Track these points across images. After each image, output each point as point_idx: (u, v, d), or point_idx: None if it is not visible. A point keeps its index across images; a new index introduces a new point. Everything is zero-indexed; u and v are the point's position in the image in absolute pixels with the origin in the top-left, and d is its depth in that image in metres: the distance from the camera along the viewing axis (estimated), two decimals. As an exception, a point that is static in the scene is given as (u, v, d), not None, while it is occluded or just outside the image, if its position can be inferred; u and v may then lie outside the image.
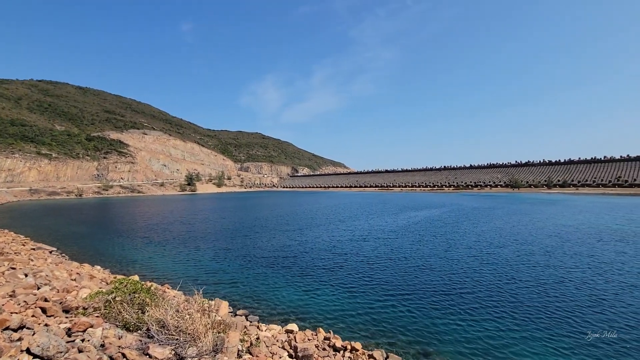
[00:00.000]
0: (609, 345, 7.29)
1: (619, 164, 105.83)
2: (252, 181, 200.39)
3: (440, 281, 12.03)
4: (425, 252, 16.76)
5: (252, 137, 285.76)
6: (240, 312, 9.81)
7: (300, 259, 15.86)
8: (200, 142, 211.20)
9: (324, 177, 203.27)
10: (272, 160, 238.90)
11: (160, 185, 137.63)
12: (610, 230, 22.02)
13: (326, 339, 7.82)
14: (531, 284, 11.40)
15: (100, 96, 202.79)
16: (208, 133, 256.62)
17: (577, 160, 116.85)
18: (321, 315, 9.50)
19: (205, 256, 16.85)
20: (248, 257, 16.50)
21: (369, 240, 20.45)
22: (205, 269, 14.51)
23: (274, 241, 20.51)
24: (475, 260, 14.89)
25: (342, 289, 11.55)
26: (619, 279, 11.72)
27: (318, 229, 25.26)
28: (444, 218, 31.17)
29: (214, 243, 20.25)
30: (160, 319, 5.09)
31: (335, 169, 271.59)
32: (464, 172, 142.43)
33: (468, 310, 9.40)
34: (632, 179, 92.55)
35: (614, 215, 30.58)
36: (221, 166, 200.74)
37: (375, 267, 14.16)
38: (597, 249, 16.68)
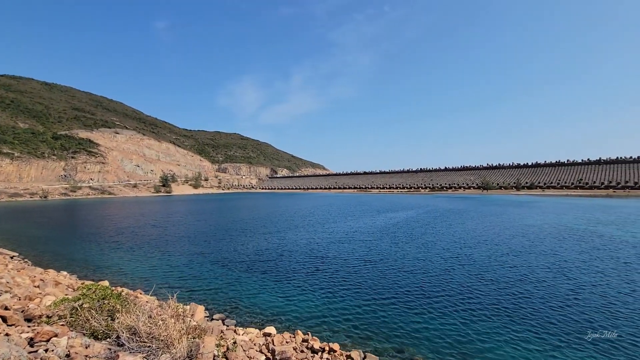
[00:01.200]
0: (571, 338, 7.72)
1: (580, 167, 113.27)
2: (230, 182, 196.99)
3: (414, 282, 12.30)
4: (401, 253, 17.09)
5: (230, 137, 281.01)
6: (217, 317, 9.59)
7: (279, 261, 15.76)
8: (176, 143, 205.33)
9: (303, 179, 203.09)
10: (250, 161, 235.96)
11: (133, 186, 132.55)
12: (571, 230, 23.36)
13: (304, 340, 7.78)
14: (499, 283, 11.90)
15: (69, 93, 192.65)
16: (184, 133, 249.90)
17: (544, 164, 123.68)
18: (300, 317, 9.48)
19: (181, 260, 16.38)
20: (225, 260, 16.19)
21: (347, 242, 20.62)
22: (181, 274, 14.10)
23: (252, 244, 20.26)
24: (448, 260, 15.35)
25: (320, 290, 11.58)
26: (576, 277, 12.44)
27: (297, 231, 25.20)
28: (420, 220, 31.96)
29: (189, 247, 19.73)
30: (131, 326, 4.90)
31: (314, 170, 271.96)
32: (439, 174, 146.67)
33: (441, 308, 9.68)
34: (592, 181, 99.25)
35: (574, 215, 32.47)
36: (198, 167, 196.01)
37: (352, 269, 14.29)
38: (557, 248, 17.63)
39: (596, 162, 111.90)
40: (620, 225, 25.57)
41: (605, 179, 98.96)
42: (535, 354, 7.09)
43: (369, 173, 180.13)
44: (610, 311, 9.14)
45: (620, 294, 10.41)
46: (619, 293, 10.52)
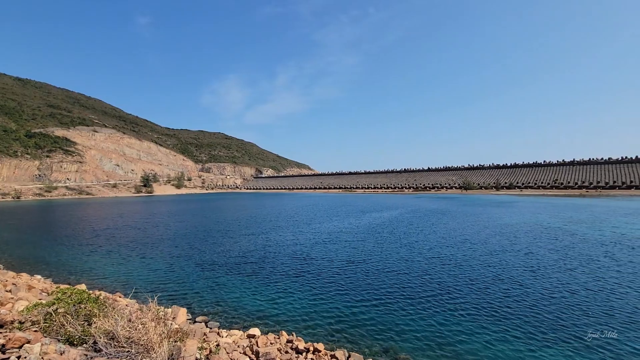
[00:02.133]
0: (546, 335, 8.03)
1: (555, 167, 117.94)
2: (214, 182, 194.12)
3: (398, 282, 12.48)
4: (384, 254, 17.29)
5: (214, 137, 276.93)
6: (199, 319, 9.44)
7: (263, 263, 15.65)
8: (157, 142, 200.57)
9: (289, 179, 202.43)
10: (235, 161, 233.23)
11: (112, 186, 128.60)
12: (545, 229, 24.25)
13: (289, 341, 7.74)
14: (479, 282, 12.23)
15: (44, 89, 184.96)
16: (166, 132, 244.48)
17: (522, 164, 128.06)
18: (285, 318, 9.45)
19: (162, 262, 16.02)
20: (208, 262, 15.94)
21: (331, 243, 20.70)
22: (162, 276, 13.79)
23: (237, 245, 20.03)
24: (430, 260, 15.66)
25: (305, 291, 11.58)
26: (549, 275, 12.94)
27: (282, 232, 25.10)
28: (403, 220, 32.44)
29: (171, 249, 19.32)
30: (109, 331, 4.76)
31: (299, 170, 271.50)
32: (422, 175, 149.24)
33: (424, 307, 9.86)
34: (567, 181, 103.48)
35: (550, 215, 33.74)
36: (181, 167, 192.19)
37: (337, 269, 14.36)
38: (532, 247, 18.26)
39: (570, 163, 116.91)
40: (590, 224, 26.73)
41: (579, 179, 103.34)
42: (513, 350, 7.32)
43: (354, 173, 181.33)
44: (580, 309, 9.54)
45: (589, 291, 10.88)
46: (587, 289, 11.01)
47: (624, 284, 11.43)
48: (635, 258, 14.98)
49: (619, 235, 20.85)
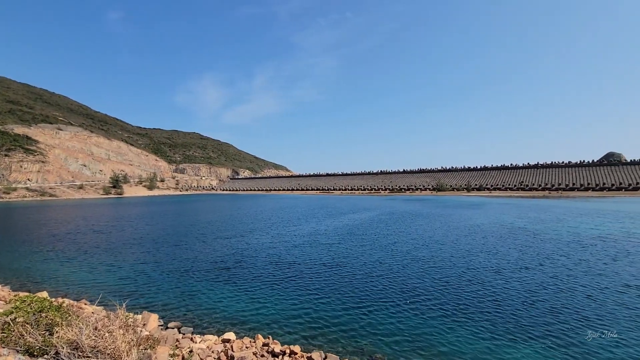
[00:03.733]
0: (513, 330, 8.54)
1: (521, 170, 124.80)
2: (189, 183, 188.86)
3: (372, 282, 12.77)
4: (359, 255, 17.63)
5: (189, 137, 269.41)
6: (172, 325, 9.21)
7: (239, 266, 15.51)
8: (128, 141, 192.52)
9: (266, 180, 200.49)
10: (211, 161, 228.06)
11: (78, 187, 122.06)
12: (510, 229, 25.62)
13: (265, 345, 7.74)
14: (450, 281, 12.74)
15: (2, 84, 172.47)
16: (138, 131, 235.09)
17: (490, 167, 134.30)
18: (261, 321, 9.43)
19: (132, 267, 15.49)
20: (182, 266, 15.59)
21: (308, 245, 20.82)
22: (132, 281, 13.35)
23: (211, 249, 19.69)
24: (403, 261, 16.14)
25: (282, 294, 11.61)
26: (511, 274, 13.72)
27: (258, 234, 24.93)
28: (379, 221, 33.11)
29: (141, 253, 18.70)
30: (72, 340, 4.61)
31: (277, 171, 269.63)
32: (398, 177, 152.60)
33: (399, 307, 10.15)
34: (532, 183, 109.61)
35: (516, 215, 35.61)
36: (153, 167, 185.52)
37: (312, 271, 14.50)
38: (499, 246, 19.26)
39: (535, 166, 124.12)
40: (551, 224, 28.48)
41: (543, 181, 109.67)
42: (482, 345, 7.69)
43: (331, 175, 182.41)
44: (539, 306, 10.20)
45: (546, 290, 11.64)
46: (544, 288, 11.77)
47: (574, 281, 12.32)
48: (585, 256, 16.16)
49: (574, 235, 22.38)
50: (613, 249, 17.56)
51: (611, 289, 11.13)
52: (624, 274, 12.84)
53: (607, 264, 14.45)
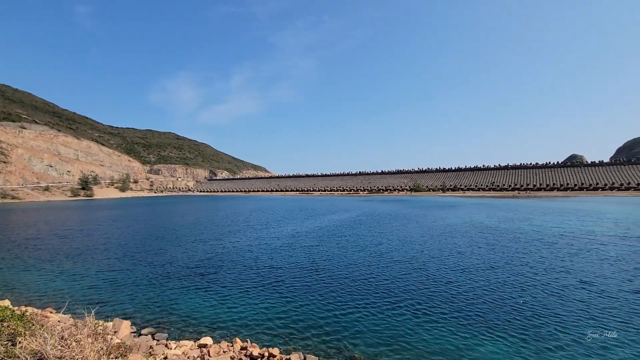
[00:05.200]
0: (488, 325, 9.06)
1: (493, 171, 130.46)
2: (164, 185, 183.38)
3: (350, 283, 13.02)
4: (337, 256, 17.90)
5: (165, 137, 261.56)
6: (145, 331, 9.02)
7: (216, 269, 15.38)
8: (99, 141, 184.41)
9: (245, 181, 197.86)
10: (187, 162, 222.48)
11: (44, 189, 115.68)
12: (480, 230, 26.85)
13: (243, 348, 7.71)
14: (426, 280, 13.21)
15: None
16: (110, 130, 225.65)
17: (464, 168, 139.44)
18: (239, 325, 9.42)
19: (101, 273, 15.00)
20: (156, 271, 15.28)
21: (286, 247, 20.92)
22: (102, 287, 12.95)
23: (187, 252, 19.38)
24: (381, 260, 16.56)
25: (261, 296, 11.63)
26: (484, 272, 14.47)
27: (235, 237, 24.74)
28: (358, 221, 33.64)
29: (112, 258, 18.13)
30: (37, 351, 4.53)
31: (256, 172, 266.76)
32: (376, 177, 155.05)
33: (376, 307, 10.41)
34: (502, 183, 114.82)
35: (486, 215, 37.25)
36: (126, 168, 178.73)
37: (291, 273, 14.61)
38: (472, 246, 20.18)
39: (505, 167, 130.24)
40: (518, 222, 30.04)
41: (512, 182, 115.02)
42: (458, 342, 8.04)
43: (311, 176, 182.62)
44: (503, 304, 10.85)
45: (510, 288, 12.39)
46: (507, 285, 12.53)
47: (535, 279, 13.17)
48: (546, 253, 17.24)
49: (538, 233, 23.75)
50: (572, 246, 18.80)
51: (568, 285, 11.93)
52: (580, 271, 13.80)
53: (564, 261, 15.49)
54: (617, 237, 21.39)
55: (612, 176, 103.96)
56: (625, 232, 23.29)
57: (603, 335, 8.04)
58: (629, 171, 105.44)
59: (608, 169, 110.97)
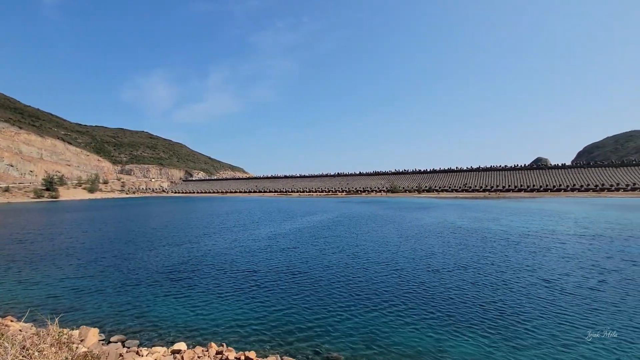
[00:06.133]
0: (463, 322, 9.48)
1: (465, 173, 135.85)
2: (137, 186, 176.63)
3: (327, 284, 13.18)
4: (314, 258, 18.03)
5: (137, 136, 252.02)
6: (114, 339, 8.71)
7: (191, 273, 15.08)
8: (65, 139, 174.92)
9: (222, 182, 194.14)
10: (161, 162, 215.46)
11: (4, 190, 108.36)
12: (453, 227, 27.91)
13: (219, 353, 7.64)
14: (403, 280, 13.59)
15: None
16: (77, 128, 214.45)
17: (439, 170, 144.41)
18: (215, 329, 9.31)
19: (66, 280, 14.30)
20: (126, 276, 14.76)
21: (262, 249, 20.83)
22: (67, 295, 12.37)
23: (160, 256, 18.85)
24: (358, 262, 16.83)
25: (236, 299, 11.54)
26: (458, 271, 15.10)
27: (211, 240, 24.32)
28: (337, 223, 33.96)
29: (78, 264, 17.30)
30: (-2, 361, 4.38)
31: (234, 173, 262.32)
32: (354, 179, 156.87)
33: (352, 307, 10.58)
34: (474, 185, 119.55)
35: (459, 216, 38.71)
36: (95, 168, 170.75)
37: (268, 275, 14.60)
38: (440, 244, 20.96)
39: (477, 169, 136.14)
40: (487, 222, 31.45)
41: (483, 183, 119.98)
42: (434, 340, 8.33)
43: (289, 177, 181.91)
44: (473, 302, 11.39)
45: (479, 286, 13.02)
46: (476, 284, 13.16)
47: (502, 277, 13.90)
48: (511, 252, 18.21)
49: (504, 232, 25.00)
50: (535, 245, 19.94)
51: (532, 284, 12.62)
52: (542, 269, 14.65)
53: (528, 260, 16.40)
54: (576, 236, 22.89)
55: (573, 178, 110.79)
56: (584, 231, 24.95)
57: (565, 330, 8.60)
58: (588, 173, 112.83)
59: (570, 171, 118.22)
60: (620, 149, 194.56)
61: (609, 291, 11.43)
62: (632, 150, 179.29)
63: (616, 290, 11.50)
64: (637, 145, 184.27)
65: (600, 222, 30.16)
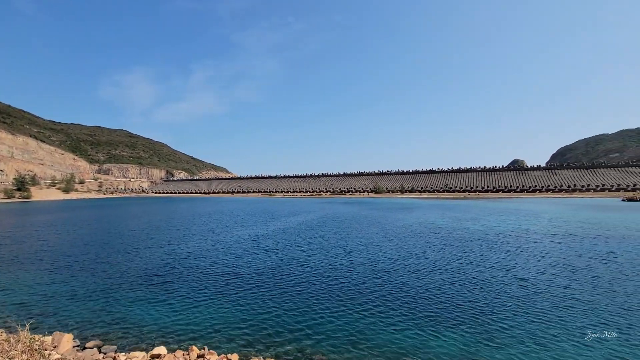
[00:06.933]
0: (444, 320, 9.71)
1: (446, 174, 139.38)
2: (115, 186, 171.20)
3: (310, 285, 13.22)
4: (297, 259, 18.06)
5: (116, 134, 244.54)
6: (90, 344, 8.40)
7: (172, 276, 14.76)
8: (38, 137, 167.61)
9: (205, 182, 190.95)
10: (141, 162, 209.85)
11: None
12: (433, 227, 28.58)
13: (200, 356, 7.53)
14: (385, 279, 13.80)
15: None
16: (51, 126, 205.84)
17: (421, 171, 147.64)
18: (196, 331, 9.16)
19: (38, 285, 13.69)
20: (103, 280, 14.29)
21: (246, 249, 20.67)
22: (38, 300, 11.87)
23: (139, 259, 18.35)
24: (340, 262, 16.97)
25: (219, 301, 11.41)
26: (422, 269, 15.49)
27: (193, 241, 23.90)
28: (321, 223, 34.07)
29: (51, 268, 16.61)
30: (-34, 370, 4.21)
31: (217, 173, 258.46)
32: (339, 179, 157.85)
33: (335, 308, 10.65)
34: (455, 185, 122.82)
35: (439, 215, 39.66)
36: (71, 167, 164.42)
37: (249, 276, 14.50)
38: (427, 245, 21.43)
39: (457, 170, 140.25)
40: (467, 222, 32.37)
41: (464, 184, 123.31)
42: (416, 339, 8.49)
43: (273, 177, 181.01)
44: (452, 301, 11.72)
45: (457, 285, 13.40)
46: (454, 283, 13.55)
47: (478, 278, 14.36)
48: (486, 251, 18.85)
49: (482, 232, 25.82)
50: (509, 244, 20.69)
51: (507, 282, 13.09)
52: (517, 268, 15.21)
53: (503, 259, 17.00)
54: (549, 235, 23.91)
55: (548, 179, 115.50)
56: (556, 230, 26.09)
57: (541, 329, 8.96)
58: (561, 175, 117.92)
59: (544, 172, 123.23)
60: (590, 151, 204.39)
61: (579, 289, 11.99)
62: (602, 153, 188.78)
63: (586, 288, 12.07)
64: (607, 148, 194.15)
65: (572, 222, 31.61)
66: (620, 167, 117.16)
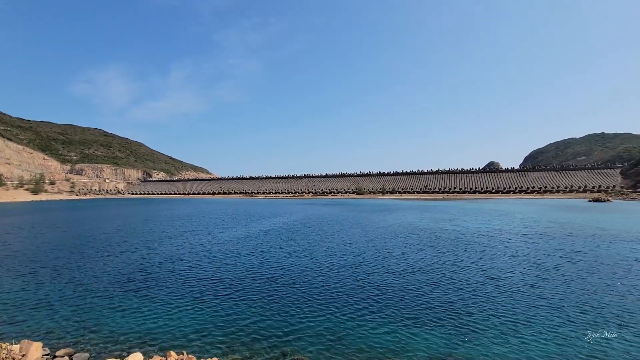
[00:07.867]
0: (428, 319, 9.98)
1: (426, 176, 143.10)
2: (89, 187, 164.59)
3: (292, 286, 13.26)
4: (278, 260, 18.06)
5: (90, 133, 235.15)
6: (61, 352, 8.07)
7: (148, 280, 14.38)
8: (5, 135, 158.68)
9: (184, 183, 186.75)
10: (117, 162, 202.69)
11: None
12: (411, 227, 29.26)
13: None
14: (368, 280, 14.02)
15: None
16: (19, 124, 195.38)
17: (401, 172, 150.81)
18: (175, 337, 8.97)
19: (3, 292, 13.01)
20: (73, 286, 13.69)
21: (226, 252, 20.43)
22: (5, 307, 11.29)
23: (113, 264, 17.71)
24: (321, 263, 17.09)
25: (199, 305, 11.23)
26: (401, 270, 15.89)
27: (170, 244, 23.33)
28: (304, 224, 34.11)
29: (16, 274, 15.75)
30: None
31: (197, 174, 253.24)
32: (321, 180, 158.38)
33: (318, 309, 10.73)
34: (434, 187, 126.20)
35: (418, 217, 40.60)
36: (40, 167, 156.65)
37: (230, 279, 14.35)
38: (407, 246, 21.90)
39: (436, 172, 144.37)
40: (444, 222, 33.32)
41: (442, 185, 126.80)
42: (397, 340, 8.64)
43: (255, 178, 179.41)
44: (429, 300, 12.09)
45: (433, 285, 13.82)
46: (430, 283, 13.97)
47: (452, 277, 14.86)
48: (461, 251, 19.51)
49: (458, 232, 26.67)
50: (483, 245, 21.47)
51: (480, 281, 13.65)
52: (489, 267, 15.83)
53: (476, 259, 17.65)
54: (520, 235, 25.00)
55: (521, 181, 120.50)
56: (527, 230, 27.32)
57: (513, 328, 9.38)
58: (534, 177, 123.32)
59: (518, 174, 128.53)
60: (560, 154, 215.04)
61: (548, 288, 12.62)
62: (570, 156, 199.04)
63: (554, 287, 12.73)
64: (574, 152, 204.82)
65: (542, 222, 33.18)
66: (587, 169, 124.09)
